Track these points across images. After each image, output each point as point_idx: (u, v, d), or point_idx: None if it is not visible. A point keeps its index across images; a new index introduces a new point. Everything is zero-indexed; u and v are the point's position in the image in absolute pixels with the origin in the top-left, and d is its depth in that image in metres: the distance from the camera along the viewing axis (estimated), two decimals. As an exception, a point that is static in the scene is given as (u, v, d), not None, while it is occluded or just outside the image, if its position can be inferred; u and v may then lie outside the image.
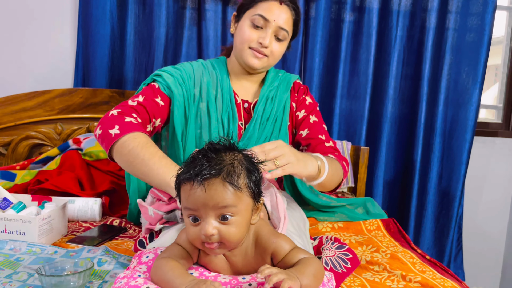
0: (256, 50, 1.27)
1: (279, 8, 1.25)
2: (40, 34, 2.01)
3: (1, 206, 1.19)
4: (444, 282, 1.04)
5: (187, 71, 1.33)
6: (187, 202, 0.73)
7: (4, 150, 1.85)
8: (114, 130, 1.09)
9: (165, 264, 0.74)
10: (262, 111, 1.34)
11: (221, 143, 0.77)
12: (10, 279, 0.94)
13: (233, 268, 0.80)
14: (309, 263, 0.75)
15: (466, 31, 2.15)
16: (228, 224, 0.72)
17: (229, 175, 0.71)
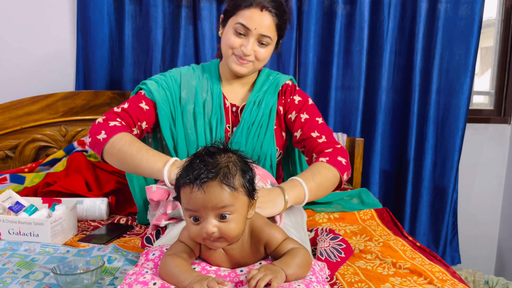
0: (239, 57, 1.31)
1: (260, 15, 1.26)
2: (40, 38, 2.06)
3: (14, 210, 1.26)
4: (432, 268, 1.12)
5: (174, 75, 1.39)
6: (188, 204, 0.79)
7: (12, 153, 1.92)
8: (101, 136, 1.19)
9: (171, 261, 0.81)
10: (249, 115, 1.38)
11: (215, 146, 0.83)
12: (27, 279, 1.02)
13: (231, 259, 0.87)
14: (296, 253, 0.82)
15: (456, 20, 2.19)
16: (227, 221, 0.79)
17: (225, 177, 0.77)
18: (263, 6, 1.27)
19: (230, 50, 1.32)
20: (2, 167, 1.92)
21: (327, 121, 2.19)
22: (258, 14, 1.27)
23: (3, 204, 1.26)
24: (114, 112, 1.29)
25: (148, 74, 2.09)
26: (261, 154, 1.41)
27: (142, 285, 0.77)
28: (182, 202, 0.81)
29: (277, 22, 1.30)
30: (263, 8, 1.27)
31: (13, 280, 1.00)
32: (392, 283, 1.03)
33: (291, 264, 0.80)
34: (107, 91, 1.99)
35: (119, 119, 1.26)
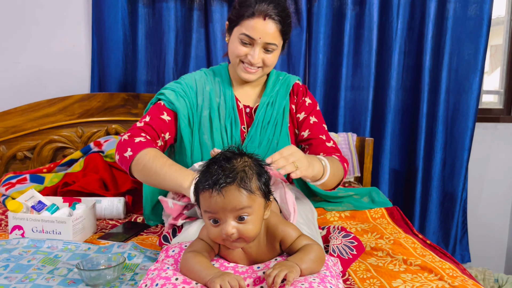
0: (248, 64, 1.33)
1: (264, 24, 1.27)
2: (56, 42, 2.12)
3: (37, 209, 1.31)
4: (442, 265, 1.15)
5: (189, 83, 1.41)
6: (207, 207, 0.83)
7: (30, 154, 1.98)
8: (127, 153, 1.22)
9: (192, 257, 0.85)
10: (263, 115, 1.41)
11: (231, 151, 0.87)
12: (52, 275, 1.06)
13: (249, 257, 0.90)
14: (310, 249, 0.86)
15: (465, 20, 2.21)
16: (245, 223, 0.83)
17: (242, 181, 0.81)
18: (266, 14, 1.27)
19: (237, 59, 1.34)
20: (21, 167, 1.98)
21: (337, 121, 2.22)
22: (261, 23, 1.27)
23: (27, 203, 1.31)
24: (138, 127, 1.30)
25: (161, 76, 2.14)
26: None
27: (165, 280, 0.81)
28: (202, 205, 0.85)
29: (281, 28, 1.31)
30: (266, 16, 1.27)
31: (38, 275, 1.05)
32: (403, 279, 1.06)
33: (305, 259, 0.83)
34: (121, 93, 2.04)
35: (144, 133, 1.28)
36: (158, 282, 0.81)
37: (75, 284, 1.02)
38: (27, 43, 2.11)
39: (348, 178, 2.02)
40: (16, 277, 1.05)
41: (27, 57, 2.11)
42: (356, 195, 1.69)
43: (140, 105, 2.04)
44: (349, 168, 2.00)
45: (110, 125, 2.02)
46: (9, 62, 2.11)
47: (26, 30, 2.09)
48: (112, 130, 2.02)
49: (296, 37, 2.17)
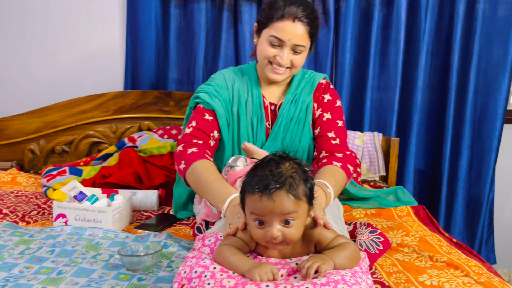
0: (276, 65, 1.37)
1: (293, 26, 1.30)
2: (92, 42, 2.22)
3: (78, 199, 1.40)
4: (468, 262, 1.17)
5: (219, 82, 1.47)
6: (255, 209, 0.86)
7: (68, 148, 2.08)
8: (182, 165, 1.29)
9: (227, 249, 0.89)
10: (287, 112, 1.46)
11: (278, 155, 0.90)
12: (95, 259, 1.14)
13: (283, 254, 0.94)
14: (345, 247, 0.89)
15: (495, 20, 2.19)
16: (290, 226, 0.86)
17: (291, 187, 0.85)
18: (295, 17, 1.30)
19: (265, 60, 1.38)
20: (59, 161, 2.09)
21: (363, 120, 2.24)
22: (290, 26, 1.31)
23: (69, 193, 1.40)
24: (188, 134, 1.36)
25: (191, 75, 2.21)
26: (299, 148, 1.48)
27: (204, 268, 0.86)
28: (248, 206, 0.88)
29: (309, 30, 1.34)
30: (295, 19, 1.30)
31: (83, 260, 1.13)
32: (429, 274, 1.09)
33: (340, 255, 0.86)
34: (153, 91, 2.12)
35: (195, 140, 1.34)
36: (197, 270, 0.86)
37: (116, 268, 1.09)
38: (66, 42, 2.22)
39: (373, 177, 2.04)
40: (62, 261, 1.13)
41: (65, 55, 2.22)
42: (382, 194, 1.72)
43: (171, 102, 2.12)
44: (374, 167, 2.03)
45: (143, 122, 2.11)
46: (49, 59, 2.22)
47: (65, 29, 2.20)
48: (144, 126, 2.10)
49: (323, 37, 2.20)
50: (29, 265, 1.10)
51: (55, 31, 2.21)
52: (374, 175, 2.04)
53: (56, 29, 2.21)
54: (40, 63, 2.23)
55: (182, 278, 0.86)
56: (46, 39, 2.21)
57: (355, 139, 2.05)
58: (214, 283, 0.80)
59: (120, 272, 1.07)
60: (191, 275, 0.84)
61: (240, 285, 0.78)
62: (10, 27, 2.21)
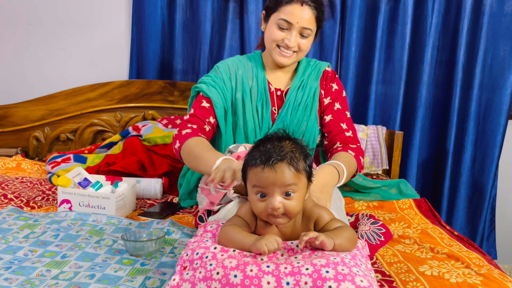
0: (284, 48, 1.40)
1: (301, 10, 1.36)
2: (98, 31, 2.22)
3: (83, 185, 1.41)
4: (469, 254, 1.17)
5: (222, 70, 1.49)
6: (257, 181, 0.89)
7: (72, 136, 2.09)
8: (176, 145, 1.35)
9: (231, 229, 0.92)
10: (294, 97, 1.48)
11: (280, 133, 0.94)
12: (99, 244, 1.15)
13: (283, 236, 0.96)
14: (344, 229, 0.91)
15: (502, 16, 2.18)
16: (290, 199, 0.89)
17: (292, 160, 0.88)
18: (303, 1, 1.36)
19: (274, 43, 1.41)
20: (63, 148, 2.10)
21: (367, 114, 2.25)
22: (299, 9, 1.36)
23: (74, 179, 1.41)
24: (185, 120, 1.41)
25: (196, 66, 2.21)
26: (306, 133, 1.50)
27: (205, 249, 0.88)
28: (251, 180, 0.91)
29: (316, 14, 1.39)
30: (303, 3, 1.36)
31: (87, 244, 1.14)
32: (430, 265, 1.10)
33: (340, 236, 0.89)
34: (158, 80, 2.13)
35: (190, 124, 1.38)
36: (198, 251, 0.88)
37: (119, 253, 1.10)
38: (71, 31, 2.22)
39: (376, 170, 2.05)
40: (66, 245, 1.14)
41: (71, 44, 2.23)
42: (384, 186, 1.72)
43: (176, 92, 2.13)
44: (378, 160, 2.03)
45: (147, 111, 2.12)
46: (54, 48, 2.23)
47: (71, 18, 2.21)
48: (149, 115, 2.11)
49: (329, 29, 2.20)
50: (33, 249, 1.11)
51: (61, 19, 2.21)
52: (377, 168, 2.04)
53: (62, 18, 2.21)
54: (45, 51, 2.24)
55: (184, 260, 0.88)
56: (51, 27, 2.21)
57: (358, 132, 2.05)
58: (216, 264, 0.81)
59: (123, 257, 1.08)
60: (192, 257, 0.86)
61: (241, 265, 0.80)
62: (16, 15, 2.21)
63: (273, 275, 0.78)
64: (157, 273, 1.00)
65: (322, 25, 1.46)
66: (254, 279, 0.78)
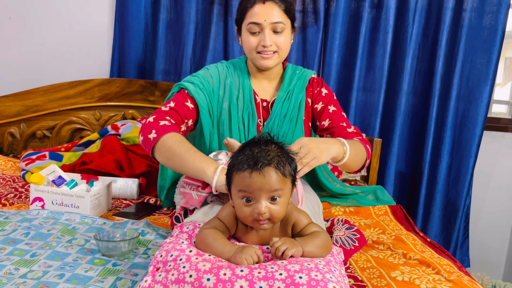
0: (263, 52, 1.38)
1: (264, 7, 1.34)
2: (80, 28, 2.19)
3: (57, 183, 1.38)
4: (440, 261, 1.19)
5: (213, 74, 1.45)
6: (244, 186, 0.87)
7: (49, 133, 2.05)
8: (152, 135, 1.24)
9: (210, 234, 0.90)
10: (280, 109, 1.46)
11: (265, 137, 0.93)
12: (70, 244, 1.13)
13: (261, 239, 0.96)
14: (317, 235, 0.91)
15: (480, 29, 2.24)
16: (276, 204, 0.88)
17: (279, 164, 0.88)
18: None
19: (253, 51, 1.39)
20: (39, 145, 2.06)
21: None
22: (262, 7, 1.34)
23: (48, 177, 1.38)
24: (163, 111, 1.33)
25: (178, 66, 2.20)
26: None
27: (180, 251, 0.87)
28: (237, 184, 0.89)
29: (283, 7, 1.36)
30: (265, 0, 1.34)
31: (58, 243, 1.12)
32: (401, 270, 1.11)
33: (310, 243, 0.89)
34: (140, 80, 2.11)
35: (169, 117, 1.31)
36: (173, 253, 0.87)
37: (91, 253, 1.09)
38: (51, 26, 2.18)
39: (354, 177, 2.07)
40: (37, 243, 1.12)
41: (50, 39, 2.19)
42: (361, 192, 1.74)
43: (157, 92, 2.11)
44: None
45: (127, 110, 2.09)
46: (33, 43, 2.19)
47: (50, 13, 2.17)
48: (129, 115, 2.09)
49: (312, 36, 2.22)
50: (2, 246, 1.08)
51: (42, 14, 2.17)
52: (355, 175, 2.06)
53: (43, 13, 2.17)
54: (24, 46, 2.19)
55: (158, 261, 0.87)
56: (30, 22, 2.17)
57: (338, 138, 2.07)
58: (190, 266, 0.80)
59: (95, 257, 1.06)
60: (166, 259, 0.85)
61: (215, 269, 0.79)
62: (-5, 7, 2.17)
63: (246, 279, 0.78)
64: (129, 274, 0.98)
65: (295, 18, 1.44)
66: (227, 283, 0.78)
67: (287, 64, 1.57)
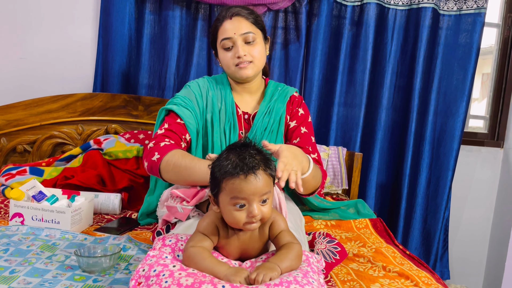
0: (239, 64, 1.42)
1: (231, 22, 1.41)
2: (63, 42, 2.19)
3: (37, 198, 1.37)
4: (418, 273, 1.22)
5: (193, 89, 1.49)
6: (238, 192, 0.88)
7: (30, 147, 2.03)
8: (155, 157, 1.29)
9: (198, 253, 0.90)
10: (261, 122, 1.50)
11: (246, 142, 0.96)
12: (50, 260, 1.12)
13: (243, 243, 0.97)
14: (290, 248, 0.93)
15: (456, 47, 2.33)
16: (266, 205, 0.91)
17: (267, 167, 0.91)
18: (231, 14, 1.42)
19: (231, 66, 1.44)
20: (20, 160, 2.03)
21: (329, 134, 2.31)
22: (229, 23, 1.41)
23: (28, 192, 1.37)
24: (160, 134, 1.38)
25: (162, 81, 2.22)
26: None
27: (163, 266, 0.87)
28: (229, 191, 0.90)
29: (250, 19, 1.43)
30: (231, 16, 1.42)
31: (37, 260, 1.11)
32: (381, 283, 1.13)
33: (285, 260, 0.90)
34: (123, 94, 2.11)
35: (167, 138, 1.36)
36: (156, 268, 0.87)
37: (72, 269, 1.08)
38: (34, 40, 2.18)
39: (336, 190, 2.10)
40: (16, 260, 1.10)
41: (33, 53, 2.18)
42: (343, 206, 1.77)
43: (140, 107, 2.11)
44: (338, 180, 2.08)
45: (110, 125, 2.09)
46: (15, 57, 2.17)
47: (33, 26, 2.17)
48: (111, 129, 2.08)
49: (294, 52, 2.27)
50: (-20, 264, 1.06)
51: (23, 27, 2.17)
52: (337, 188, 2.09)
53: (24, 26, 2.17)
54: (7, 60, 2.18)
55: (140, 276, 0.87)
56: (12, 35, 2.16)
57: (320, 152, 2.10)
58: (172, 281, 0.81)
59: (75, 273, 1.06)
60: (149, 274, 0.85)
61: (197, 284, 0.80)
62: (-23, 21, 2.15)
63: (227, 294, 0.79)
64: (110, 290, 0.98)
65: (265, 28, 1.50)
66: (208, 298, 0.78)
67: (269, 81, 1.61)
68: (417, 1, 2.27)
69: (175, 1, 2.16)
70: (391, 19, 2.28)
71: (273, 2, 2.12)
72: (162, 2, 2.17)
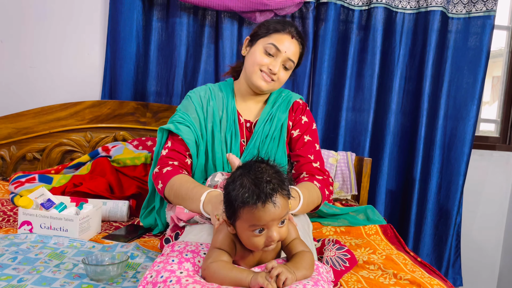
0: (266, 73, 1.43)
1: (290, 41, 1.42)
2: (72, 50, 2.21)
3: (46, 206, 1.37)
4: (430, 281, 1.19)
5: (194, 100, 1.49)
6: (257, 220, 0.85)
7: (39, 155, 2.04)
8: (159, 185, 1.34)
9: (222, 267, 0.88)
10: (262, 129, 1.49)
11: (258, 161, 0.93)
12: (58, 268, 1.12)
13: (256, 258, 0.96)
14: (303, 257, 0.93)
15: (465, 50, 2.30)
16: (284, 226, 0.90)
17: (283, 189, 0.88)
18: (293, 35, 1.43)
19: (257, 67, 1.43)
20: (29, 168, 2.04)
21: (337, 140, 2.29)
22: (289, 40, 1.42)
23: (37, 200, 1.37)
24: (164, 156, 1.40)
25: (170, 88, 2.22)
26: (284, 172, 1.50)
27: (170, 272, 0.87)
28: (247, 220, 0.87)
29: (301, 50, 1.47)
30: (293, 36, 1.43)
31: (45, 268, 1.10)
32: (392, 291, 1.11)
33: (301, 267, 0.90)
34: (131, 101, 2.12)
35: (171, 161, 1.38)
36: (163, 274, 0.86)
37: (80, 278, 1.07)
38: (43, 49, 2.20)
39: (345, 196, 2.08)
40: (24, 268, 1.10)
41: (42, 62, 2.20)
42: (352, 212, 1.75)
43: (148, 114, 2.12)
44: (347, 186, 2.06)
45: (119, 132, 2.09)
46: (25, 66, 2.20)
47: (42, 36, 2.19)
48: (120, 136, 2.09)
49: (301, 57, 2.26)
50: (-12, 272, 1.07)
51: (33, 37, 2.19)
52: (346, 193, 2.07)
53: (35, 36, 2.19)
54: (16, 68, 2.20)
55: (147, 282, 0.86)
56: (22, 45, 2.19)
57: (329, 158, 2.09)
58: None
59: (83, 282, 1.05)
60: (156, 280, 0.85)
61: (204, 291, 0.79)
62: (-13, 31, 2.18)
63: (236, 302, 0.78)
64: (117, 299, 0.97)
65: (301, 63, 1.52)
66: (215, 305, 0.77)
67: None
68: (425, 4, 2.26)
69: (182, 8, 2.17)
70: (399, 23, 2.27)
71: (280, 7, 2.12)
72: (170, 9, 2.18)
